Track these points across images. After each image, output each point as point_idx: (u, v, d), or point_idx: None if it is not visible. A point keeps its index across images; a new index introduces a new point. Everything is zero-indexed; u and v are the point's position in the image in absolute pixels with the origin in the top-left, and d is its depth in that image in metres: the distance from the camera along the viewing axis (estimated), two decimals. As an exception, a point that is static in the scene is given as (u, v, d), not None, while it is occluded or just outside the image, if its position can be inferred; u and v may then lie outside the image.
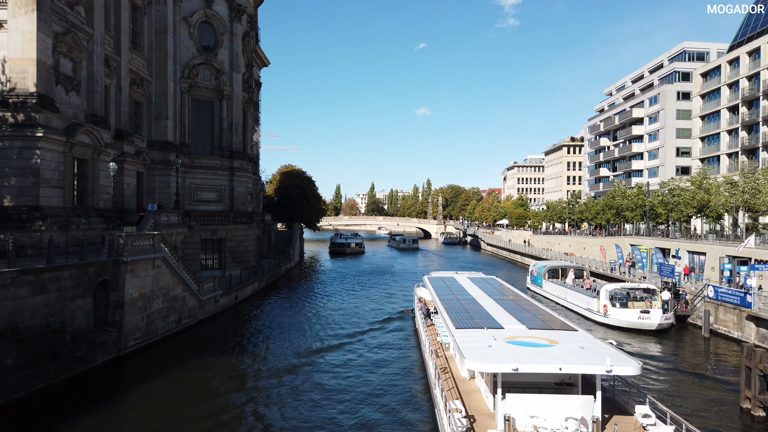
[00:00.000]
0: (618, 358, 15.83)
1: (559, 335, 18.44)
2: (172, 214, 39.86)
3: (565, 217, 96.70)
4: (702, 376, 26.57)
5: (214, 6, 50.46)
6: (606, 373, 15.25)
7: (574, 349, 16.64)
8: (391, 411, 21.31)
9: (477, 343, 17.20)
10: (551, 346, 16.95)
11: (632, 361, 15.56)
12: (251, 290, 48.71)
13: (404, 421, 20.30)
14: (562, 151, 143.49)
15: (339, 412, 21.03)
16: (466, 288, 30.64)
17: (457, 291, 29.52)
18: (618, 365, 15.11)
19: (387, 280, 64.63)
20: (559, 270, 53.44)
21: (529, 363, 15.26)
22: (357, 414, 20.93)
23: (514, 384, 16.32)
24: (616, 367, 14.98)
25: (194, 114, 50.16)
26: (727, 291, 33.98)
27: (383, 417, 20.68)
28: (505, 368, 14.99)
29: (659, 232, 62.29)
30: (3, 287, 19.88)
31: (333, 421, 20.16)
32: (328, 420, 20.36)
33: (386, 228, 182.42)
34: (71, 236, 29.70)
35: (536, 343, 17.41)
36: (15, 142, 28.06)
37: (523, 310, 23.61)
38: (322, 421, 20.27)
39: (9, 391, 20.07)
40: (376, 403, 22.21)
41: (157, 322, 30.73)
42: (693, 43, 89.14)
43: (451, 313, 22.56)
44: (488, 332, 18.70)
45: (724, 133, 72.95)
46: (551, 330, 19.35)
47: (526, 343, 17.26)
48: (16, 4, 28.34)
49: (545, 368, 15.17)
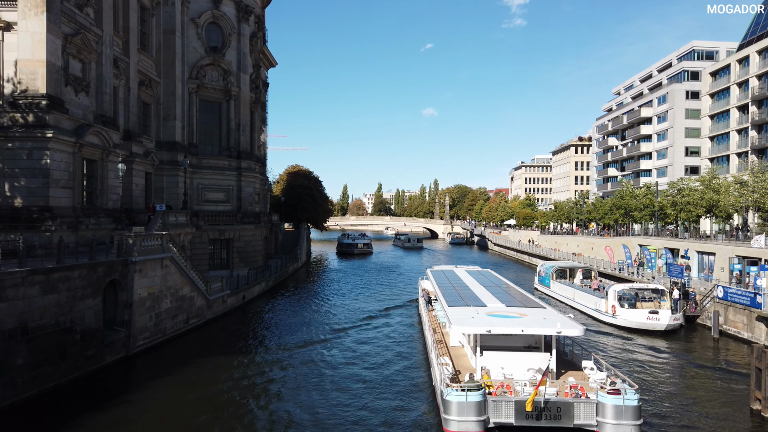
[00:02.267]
0: (566, 323, 21.05)
1: (529, 311, 23.56)
2: (180, 215, 40.07)
3: (572, 217, 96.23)
4: (711, 377, 26.38)
5: (221, 7, 50.66)
6: (557, 334, 20.43)
7: (537, 319, 21.73)
8: (397, 372, 26.71)
9: (464, 315, 22.65)
10: (520, 318, 21.92)
11: (577, 325, 20.83)
12: (259, 290, 48.85)
13: (407, 376, 26.03)
14: (570, 150, 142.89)
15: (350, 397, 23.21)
16: (462, 278, 35.46)
17: (454, 280, 34.52)
18: (566, 328, 20.33)
19: (394, 277, 65.58)
20: (567, 270, 53.21)
21: (500, 327, 20.60)
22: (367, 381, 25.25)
23: (490, 346, 21.52)
24: (564, 330, 20.24)
25: (202, 114, 50.39)
26: (737, 291, 33.71)
27: (391, 375, 26.16)
28: (481, 330, 20.50)
29: (668, 233, 61.84)
30: (13, 287, 20.06)
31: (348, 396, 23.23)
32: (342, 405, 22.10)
33: (393, 228, 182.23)
34: (81, 236, 29.94)
35: (510, 315, 22.50)
36: (25, 142, 28.33)
37: (505, 293, 28.95)
38: (335, 408, 20.38)
39: (20, 390, 20.25)
40: (384, 368, 27.26)
41: (165, 322, 30.89)
42: (702, 42, 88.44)
43: (446, 296, 27.72)
44: (474, 308, 23.96)
45: (733, 133, 72.36)
46: (524, 307, 24.53)
47: (502, 316, 22.41)
48: (26, 6, 28.58)
49: (511, 330, 20.61)
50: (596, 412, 18.14)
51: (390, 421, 20.42)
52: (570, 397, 18.57)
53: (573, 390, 18.93)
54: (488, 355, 21.10)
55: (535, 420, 18.20)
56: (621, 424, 17.83)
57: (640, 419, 18.13)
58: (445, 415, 18.60)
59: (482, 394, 18.35)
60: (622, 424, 17.83)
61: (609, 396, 18.06)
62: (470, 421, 18.15)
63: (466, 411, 18.20)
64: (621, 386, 18.63)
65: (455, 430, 18.28)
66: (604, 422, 17.98)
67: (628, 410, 17.90)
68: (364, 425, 20.07)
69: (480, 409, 18.19)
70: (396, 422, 20.36)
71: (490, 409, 18.40)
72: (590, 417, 18.12)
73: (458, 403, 18.25)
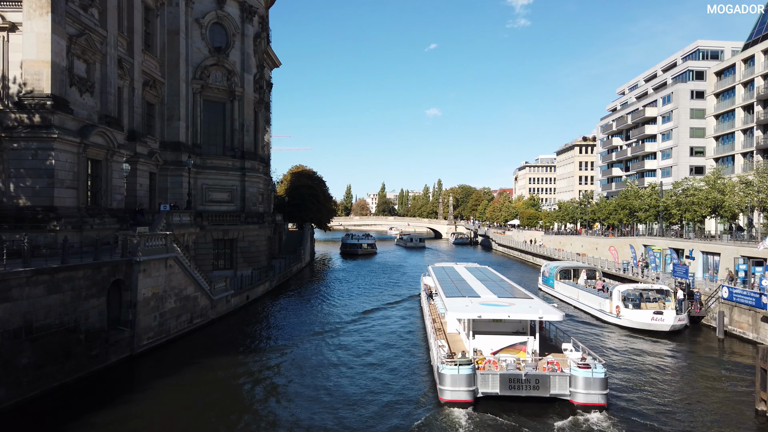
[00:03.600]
0: (548, 310, 24.42)
1: (517, 300, 26.38)
2: (184, 215, 40.13)
3: (577, 217, 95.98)
4: (716, 378, 26.24)
5: (225, 7, 50.74)
6: (539, 319, 23.62)
7: (524, 307, 24.61)
8: (400, 354, 29.89)
9: (459, 304, 25.67)
10: (509, 306, 24.77)
11: (558, 312, 24.35)
12: (262, 290, 48.90)
13: (408, 358, 29.25)
14: (574, 150, 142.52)
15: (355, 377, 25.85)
16: (460, 273, 38.17)
17: (453, 275, 37.22)
18: (547, 314, 23.48)
19: (397, 276, 65.97)
20: (571, 270, 53.03)
21: (489, 313, 23.62)
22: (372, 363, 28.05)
23: (482, 330, 24.43)
24: (545, 315, 23.37)
25: (206, 115, 50.48)
26: (742, 292, 33.53)
27: (394, 356, 29.35)
28: (473, 315, 23.72)
29: (673, 233, 61.57)
30: (18, 287, 20.12)
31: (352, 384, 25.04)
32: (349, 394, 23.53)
33: (397, 228, 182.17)
34: (85, 236, 30.03)
35: (500, 304, 25.24)
36: (30, 143, 28.44)
37: (498, 286, 31.80)
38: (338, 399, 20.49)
39: (24, 390, 20.30)
40: (388, 351, 30.41)
41: (169, 322, 30.94)
42: (707, 42, 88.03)
43: (444, 289, 30.50)
44: (468, 299, 26.88)
45: (738, 132, 72.01)
46: (514, 297, 27.42)
47: (493, 305, 25.21)
48: (31, 7, 28.68)
49: (498, 315, 23.63)
50: (569, 383, 21.21)
51: (392, 393, 23.24)
52: (547, 371, 21.59)
53: (550, 366, 21.93)
54: (480, 338, 24.29)
55: (516, 390, 21.32)
56: (590, 393, 20.89)
57: (606, 389, 21.12)
58: (440, 386, 21.68)
59: (472, 369, 21.37)
60: (591, 393, 20.88)
61: (580, 369, 21.15)
62: (461, 391, 21.19)
63: (458, 382, 21.22)
64: (591, 362, 21.65)
65: (448, 398, 21.34)
66: (576, 392, 21.06)
67: (596, 381, 20.91)
68: (370, 397, 22.76)
69: (470, 381, 21.25)
70: (397, 394, 23.24)
71: (478, 381, 21.47)
72: (564, 388, 21.25)
73: (451, 375, 21.26)
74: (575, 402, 21.06)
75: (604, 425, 19.74)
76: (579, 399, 20.95)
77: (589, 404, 20.89)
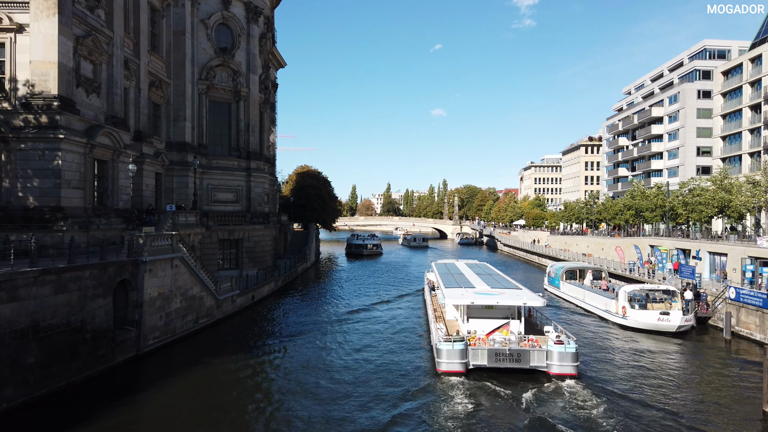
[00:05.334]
0: (532, 297, 27.99)
1: (507, 290, 30.01)
2: (190, 215, 40.24)
3: (582, 217, 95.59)
4: (723, 379, 26.08)
5: (231, 8, 50.85)
6: (523, 305, 28.02)
7: (511, 295, 28.61)
8: (405, 337, 34.14)
9: (456, 293, 29.58)
10: (499, 295, 28.70)
11: (540, 299, 27.91)
12: (268, 290, 48.98)
13: (415, 336, 34.43)
14: (580, 150, 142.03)
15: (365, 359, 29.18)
16: (460, 269, 41.57)
17: (453, 270, 40.72)
18: (530, 301, 27.58)
19: (402, 276, 65.91)
20: (576, 271, 52.87)
21: (481, 300, 27.86)
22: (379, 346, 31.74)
23: (475, 315, 28.70)
24: (528, 302, 27.57)
25: (211, 115, 50.60)
26: (750, 292, 33.33)
27: (401, 338, 33.84)
28: (467, 302, 28.10)
29: (679, 233, 61.25)
30: (25, 286, 20.24)
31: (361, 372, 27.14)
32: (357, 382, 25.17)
33: (403, 228, 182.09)
34: (91, 236, 30.17)
35: (491, 293, 29.08)
36: (38, 143, 28.59)
37: (492, 279, 35.32)
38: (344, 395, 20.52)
39: (31, 389, 20.41)
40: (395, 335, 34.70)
41: (175, 322, 31.04)
42: (714, 41, 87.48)
43: (444, 281, 34.00)
44: (464, 289, 30.68)
45: (745, 132, 71.57)
46: (504, 288, 30.94)
47: (485, 293, 29.09)
48: (38, 8, 28.85)
49: (488, 302, 27.80)
50: (546, 357, 25.07)
51: (398, 366, 27.35)
52: (528, 347, 25.54)
53: (530, 342, 26.04)
54: (473, 321, 28.47)
55: (501, 362, 25.19)
56: (563, 365, 24.81)
57: (577, 362, 25.07)
58: (438, 360, 25.72)
59: (464, 344, 25.40)
60: (564, 365, 24.81)
61: (555, 345, 25.13)
62: (455, 363, 25.23)
63: (452, 356, 25.24)
64: (565, 339, 25.64)
65: (444, 369, 25.37)
66: (552, 363, 25.00)
67: (568, 355, 24.89)
68: (378, 370, 26.59)
69: (463, 355, 25.23)
70: (402, 366, 27.35)
71: (470, 355, 25.42)
72: (542, 360, 25.11)
73: (447, 350, 25.26)
74: (551, 372, 25.01)
75: (574, 390, 23.48)
76: (554, 370, 24.96)
77: (563, 374, 24.85)
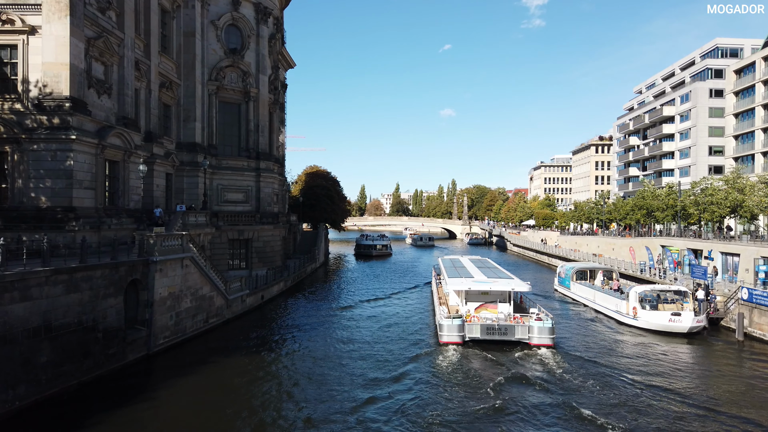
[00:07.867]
0: (519, 284, 34.15)
1: (501, 279, 35.79)
2: (200, 215, 40.43)
3: (593, 217, 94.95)
4: (735, 380, 25.79)
5: (240, 9, 51.06)
6: (511, 290, 34.03)
7: (503, 283, 34.69)
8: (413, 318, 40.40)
9: (457, 280, 35.46)
10: (492, 282, 34.61)
11: (525, 285, 34.07)
12: (277, 290, 49.12)
13: (423, 313, 42.21)
14: (590, 150, 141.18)
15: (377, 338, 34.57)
16: (463, 263, 46.96)
17: (457, 264, 46.28)
18: (517, 287, 33.87)
19: (410, 276, 65.24)
20: (587, 271, 52.52)
21: (476, 286, 34.04)
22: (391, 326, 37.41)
23: (473, 299, 34.28)
24: (515, 287, 33.86)
25: (221, 116, 50.83)
26: (763, 293, 32.94)
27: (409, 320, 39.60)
28: (465, 287, 33.97)
29: (691, 233, 60.65)
30: (38, 286, 20.43)
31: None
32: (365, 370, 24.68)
33: (412, 228, 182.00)
34: (103, 236, 30.41)
35: (487, 281, 35.06)
36: (50, 144, 28.86)
37: (490, 271, 40.72)
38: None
39: (43, 387, 20.60)
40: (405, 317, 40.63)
41: (185, 321, 31.21)
42: (726, 39, 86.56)
43: (448, 273, 39.83)
44: (464, 278, 36.04)
45: (759, 131, 70.82)
46: (498, 278, 36.65)
47: (481, 282, 34.96)
48: (50, 10, 29.12)
49: (483, 287, 34.08)
50: (528, 331, 30.92)
51: (406, 338, 33.44)
52: (513, 323, 31.61)
53: (515, 320, 32.28)
54: (470, 304, 34.08)
55: (491, 335, 31.08)
56: (541, 337, 30.62)
57: (553, 335, 30.86)
58: (440, 333, 31.83)
59: (462, 321, 31.43)
60: (542, 337, 30.62)
61: (536, 321, 31.22)
62: (454, 335, 31.17)
63: (452, 329, 31.23)
64: (543, 317, 31.67)
65: (445, 341, 31.26)
66: (532, 336, 30.79)
67: (545, 329, 30.77)
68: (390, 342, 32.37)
69: (460, 329, 31.17)
70: (410, 339, 33.28)
71: (466, 329, 31.22)
72: (525, 334, 30.94)
73: (447, 325, 31.33)
74: (531, 343, 30.72)
75: (549, 356, 29.00)
76: (534, 341, 30.72)
77: (541, 344, 30.56)
